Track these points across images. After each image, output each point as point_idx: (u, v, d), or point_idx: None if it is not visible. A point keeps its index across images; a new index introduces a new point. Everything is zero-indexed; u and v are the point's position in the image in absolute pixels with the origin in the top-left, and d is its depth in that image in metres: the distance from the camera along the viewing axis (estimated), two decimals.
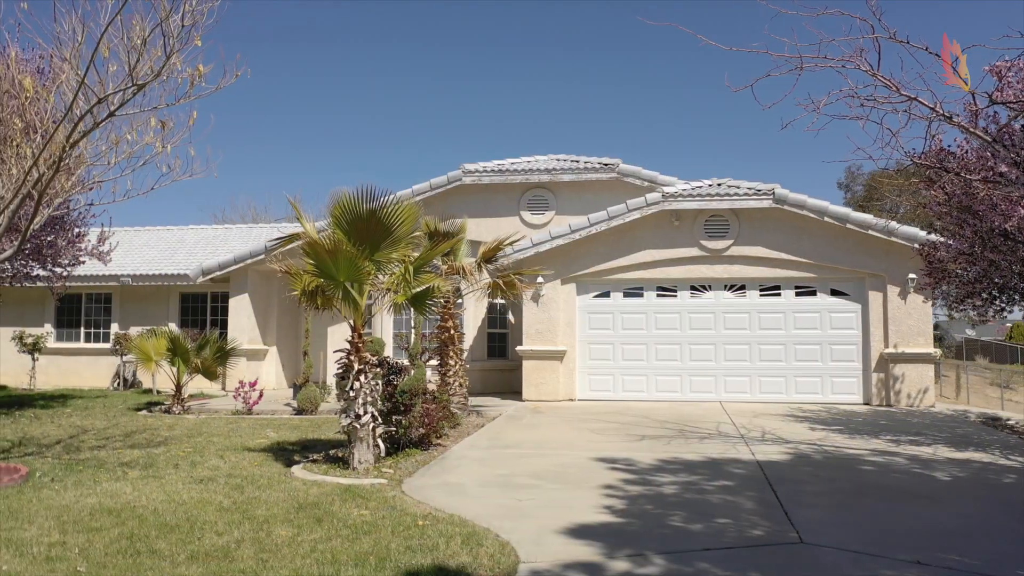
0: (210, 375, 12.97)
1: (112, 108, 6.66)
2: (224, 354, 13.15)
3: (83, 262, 13.38)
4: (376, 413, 7.87)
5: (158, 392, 15.95)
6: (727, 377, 13.85)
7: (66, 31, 6.64)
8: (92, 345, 18.46)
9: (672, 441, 9.63)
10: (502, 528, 5.72)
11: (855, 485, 7.29)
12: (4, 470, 7.49)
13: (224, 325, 17.74)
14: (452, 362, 12.04)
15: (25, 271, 12.54)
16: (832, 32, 8.47)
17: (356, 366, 7.69)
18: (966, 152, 9.44)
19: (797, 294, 13.76)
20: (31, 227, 7.32)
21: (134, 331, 17.80)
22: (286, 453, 8.84)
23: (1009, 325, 52.70)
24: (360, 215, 7.30)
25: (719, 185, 13.83)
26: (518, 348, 14.29)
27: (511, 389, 15.79)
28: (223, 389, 16.49)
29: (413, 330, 12.08)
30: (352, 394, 7.67)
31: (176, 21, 6.11)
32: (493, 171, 15.93)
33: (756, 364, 13.76)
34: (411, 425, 8.83)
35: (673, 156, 66.74)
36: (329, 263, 7.21)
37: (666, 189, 13.73)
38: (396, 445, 8.65)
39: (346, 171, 62.36)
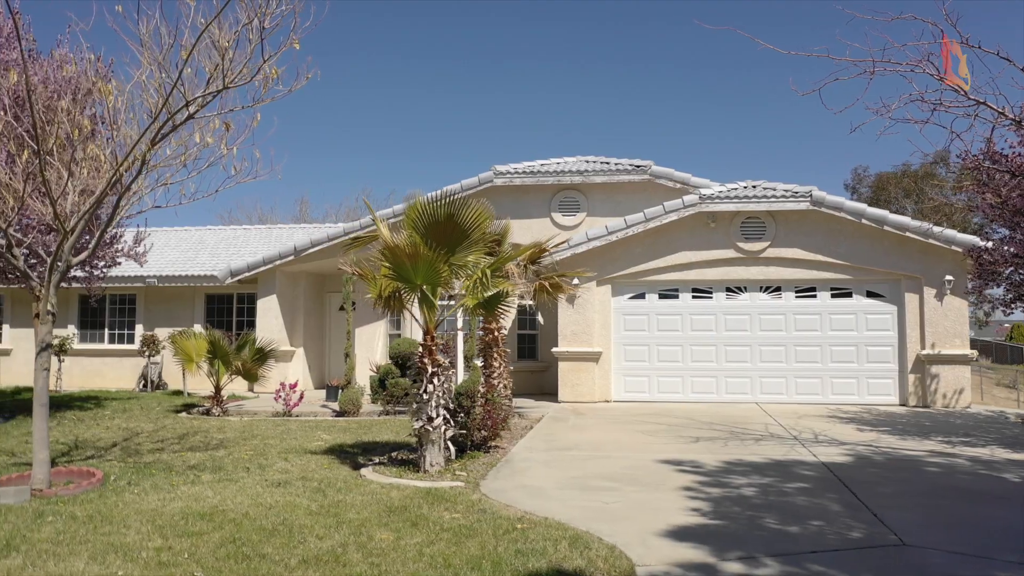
0: (250, 377, 12.93)
1: (191, 110, 6.64)
2: (263, 356, 13.11)
3: (119, 263, 13.32)
4: (448, 416, 7.87)
5: (189, 394, 15.88)
6: (763, 378, 13.91)
7: (145, 33, 6.63)
8: (116, 346, 18.37)
9: (728, 443, 9.66)
10: (601, 531, 5.74)
11: (929, 486, 7.33)
12: (79, 474, 7.45)
13: (250, 326, 17.71)
14: (497, 364, 12.01)
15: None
16: (898, 37, 8.52)
17: (430, 369, 7.69)
18: (1019, 155, 9.54)
19: (833, 296, 13.83)
20: (108, 228, 7.29)
21: (159, 332, 17.77)
22: (347, 455, 8.83)
23: (1008, 326, 53.10)
24: (437, 219, 7.31)
25: (754, 187, 13.89)
26: (554, 349, 14.31)
27: (541, 390, 15.81)
28: (250, 390, 16.45)
29: (459, 332, 12.05)
30: (426, 397, 7.67)
31: (266, 21, 6.09)
32: (524, 172, 15.94)
33: (792, 365, 13.83)
34: (473, 427, 8.84)
35: (677, 157, 66.91)
36: (408, 267, 7.20)
37: (703, 191, 13.77)
38: (460, 448, 8.65)
39: (374, 178, 61.99)
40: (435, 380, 7.71)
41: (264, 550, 5.31)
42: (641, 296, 14.36)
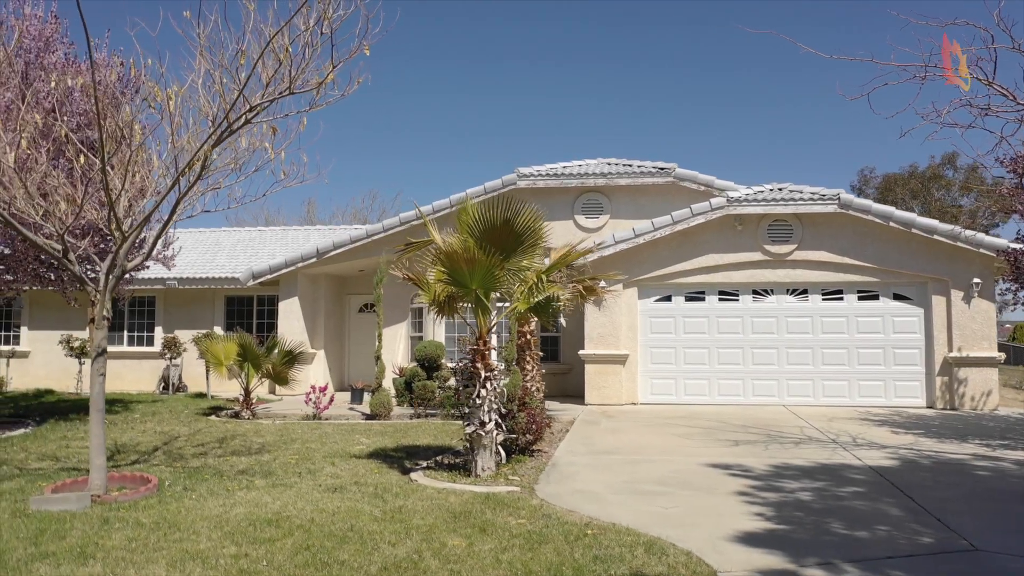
0: (280, 380, 12.91)
1: (248, 116, 6.62)
2: (292, 358, 13.10)
3: (147, 267, 13.26)
4: (500, 420, 7.87)
5: (213, 397, 15.85)
6: (790, 381, 13.93)
7: (201, 36, 6.61)
8: (135, 348, 18.33)
9: (768, 447, 9.68)
10: (671, 536, 5.75)
11: (985, 490, 7.35)
12: (132, 479, 7.43)
13: (270, 328, 17.70)
14: (530, 367, 12.03)
15: (93, 274, 12.41)
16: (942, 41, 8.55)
17: (483, 373, 7.69)
18: None
19: (860, 298, 13.86)
20: (164, 232, 7.27)
21: (178, 334, 17.73)
22: (392, 460, 8.82)
23: (1010, 326, 53.28)
24: (493, 224, 7.31)
25: (780, 189, 13.91)
26: (581, 352, 14.31)
27: (564, 392, 15.81)
28: (272, 392, 16.42)
29: (495, 334, 12.08)
30: (479, 401, 7.67)
31: (336, 25, 6.08)
32: (548, 175, 15.95)
33: (819, 368, 13.85)
34: (519, 431, 8.84)
35: (676, 157, 66.92)
36: (465, 272, 7.20)
37: (730, 194, 13.79)
38: (507, 452, 8.64)
39: (379, 180, 61.82)
40: (488, 385, 7.71)
41: (340, 557, 5.30)
42: (667, 298, 14.38)
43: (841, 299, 13.91)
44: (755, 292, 14.18)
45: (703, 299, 14.30)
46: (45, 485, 7.33)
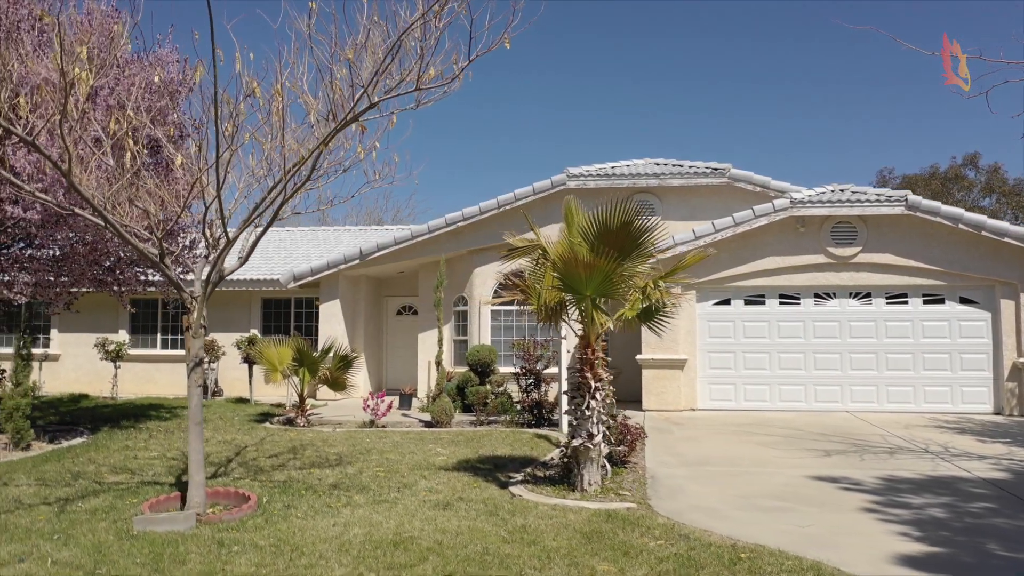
0: (337, 385, 12.53)
1: (357, 112, 6.26)
2: (347, 363, 12.73)
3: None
4: (607, 432, 7.54)
5: (256, 402, 15.46)
6: (853, 386, 13.63)
7: (306, 29, 6.25)
8: (169, 352, 17.92)
9: (863, 457, 9.36)
10: (830, 560, 5.41)
11: None
12: (226, 495, 7.06)
13: (308, 331, 17.32)
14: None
15: (144, 277, 12.02)
16: None
17: (593, 384, 7.35)
18: None
19: (925, 302, 13.56)
20: (263, 235, 6.91)
21: (214, 337, 17.33)
22: (480, 472, 8.46)
23: None
24: (609, 227, 6.98)
25: (842, 191, 13.60)
26: (638, 357, 13.98)
27: (616, 397, 15.42)
28: (313, 397, 16.01)
29: (563, 340, 11.72)
30: (588, 413, 7.33)
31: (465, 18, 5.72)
32: (598, 175, 15.62)
33: (883, 373, 13.55)
34: (613, 442, 8.50)
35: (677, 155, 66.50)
36: (581, 277, 6.86)
37: (794, 195, 13.47)
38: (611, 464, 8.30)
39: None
40: (597, 395, 7.37)
41: None
42: (727, 302, 14.06)
43: (906, 303, 13.61)
44: (817, 295, 13.87)
45: (763, 303, 13.98)
46: (136, 502, 6.97)
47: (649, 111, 64.38)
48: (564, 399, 11.73)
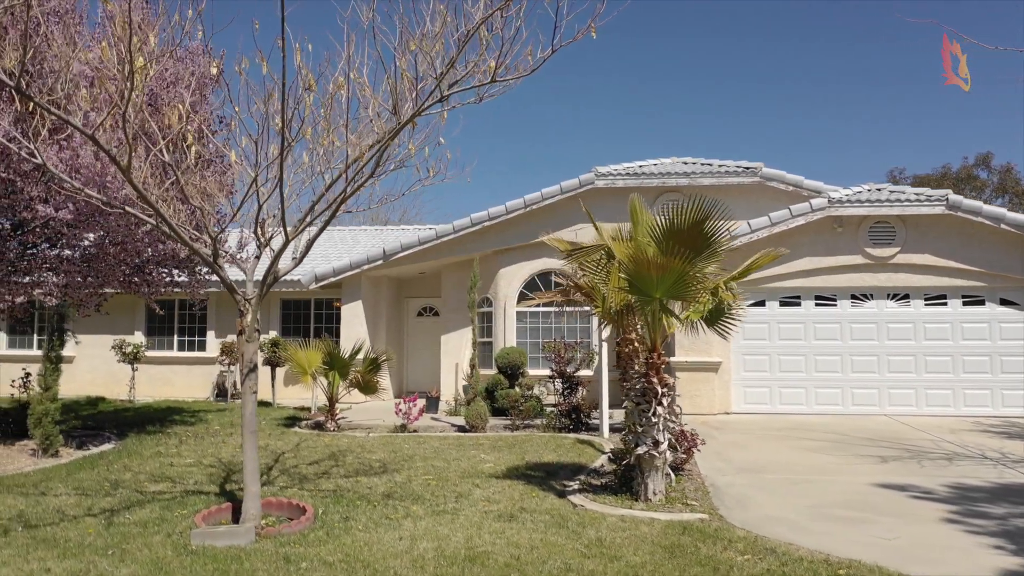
0: (368, 388, 12.23)
1: (427, 104, 5.97)
2: (376, 365, 12.43)
3: (222, 268, 12.54)
4: (672, 440, 7.26)
5: (279, 405, 15.15)
6: (891, 389, 13.36)
7: (365, 19, 5.95)
8: (186, 354, 17.60)
9: (922, 462, 9.10)
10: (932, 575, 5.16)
11: None
12: (278, 506, 6.76)
13: (328, 332, 17.00)
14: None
15: (169, 278, 11.71)
16: None
17: (659, 389, 7.07)
18: None
19: (964, 303, 13.31)
20: (320, 233, 6.62)
21: (231, 339, 17.02)
22: (533, 480, 8.17)
23: None
24: (680, 226, 6.69)
25: (879, 190, 13.35)
26: (671, 359, 13.70)
27: (621, 399, 15.17)
28: (339, 401, 15.70)
29: (603, 343, 11.44)
30: (654, 420, 7.05)
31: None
32: (627, 174, 15.34)
33: (922, 376, 13.29)
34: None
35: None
36: (652, 279, 6.57)
37: (831, 194, 13.21)
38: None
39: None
40: (664, 402, 7.09)
41: None
42: (761, 303, 13.79)
43: (945, 304, 13.35)
44: (854, 297, 13.61)
45: (799, 304, 13.72)
46: (185, 513, 6.68)
47: (655, 111, 64.19)
48: (605, 403, 11.49)
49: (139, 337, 17.48)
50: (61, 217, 8.86)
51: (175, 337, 17.71)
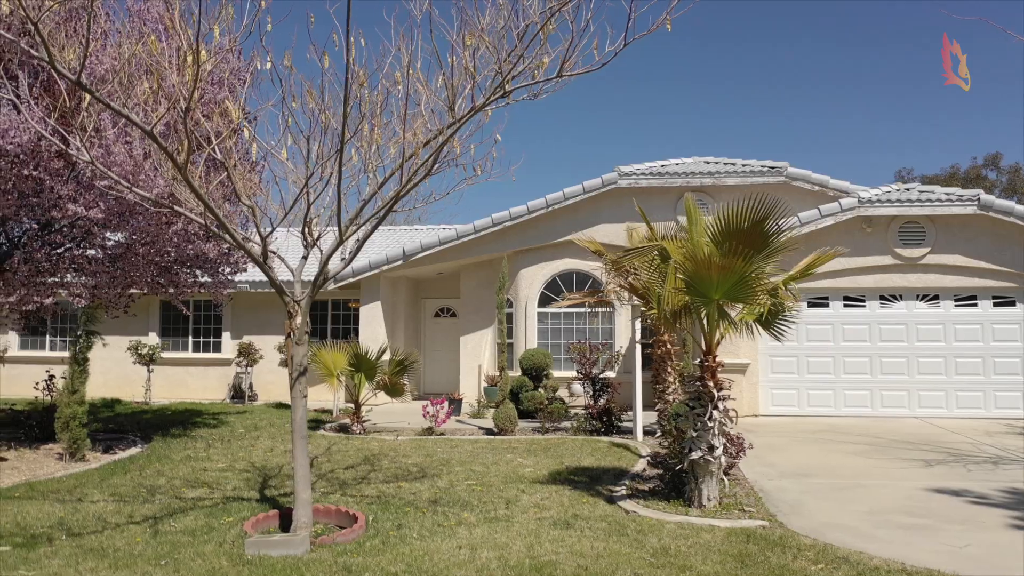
0: (394, 391, 12.05)
1: (485, 100, 5.79)
2: (403, 368, 12.25)
3: (245, 269, 12.38)
4: (727, 444, 7.10)
5: None
6: (921, 392, 13.23)
7: (417, 12, 5.77)
8: (201, 355, 17.39)
9: (967, 466, 8.95)
10: None
11: None
12: (328, 513, 6.58)
13: (345, 334, 16.85)
14: (671, 379, 11.30)
15: (193, 279, 11.51)
16: None
17: (716, 393, 6.91)
18: None
19: (995, 304, 13.18)
20: (372, 232, 6.45)
21: (247, 340, 16.84)
22: (577, 485, 7.99)
23: None
24: (739, 226, 6.52)
25: (908, 190, 13.22)
26: (697, 361, 13.52)
27: (652, 401, 15.01)
28: (348, 401, 15.54)
29: (637, 344, 11.27)
30: (709, 424, 6.88)
31: None
32: (650, 173, 15.18)
33: (952, 378, 13.16)
34: None
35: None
36: (712, 279, 6.41)
37: (861, 194, 13.08)
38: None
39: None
40: (720, 405, 6.93)
41: None
42: None
43: (975, 306, 13.22)
44: (882, 298, 13.47)
45: (827, 305, 13.57)
46: (231, 520, 6.49)
47: (657, 110, 64.07)
48: (638, 405, 11.32)
49: (153, 338, 17.27)
50: (92, 216, 8.67)
51: (189, 338, 17.51)
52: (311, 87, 6.02)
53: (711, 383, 6.98)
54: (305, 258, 6.82)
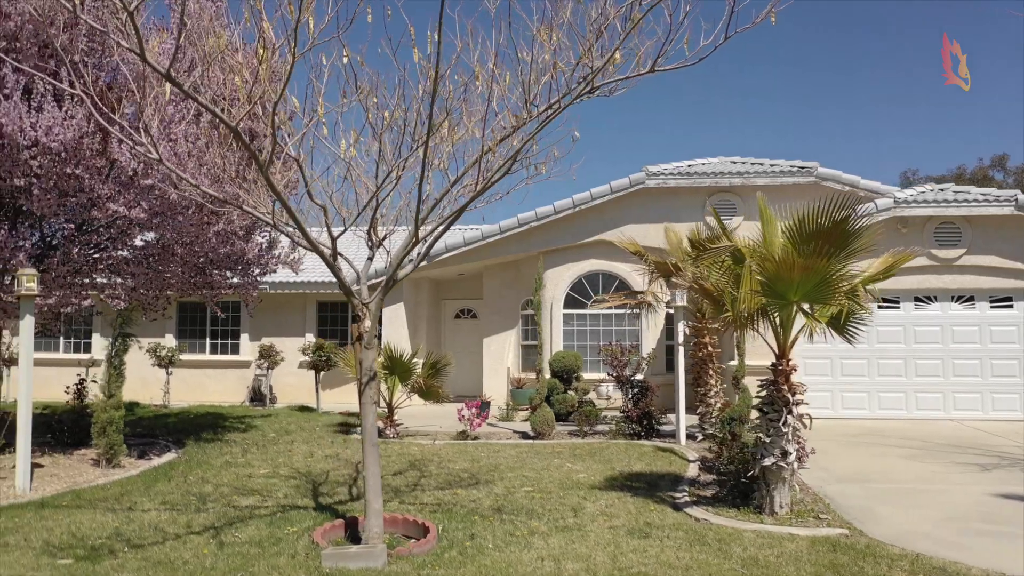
0: (430, 394, 11.82)
1: (575, 96, 5.59)
2: (437, 370, 12.04)
3: (275, 271, 12.14)
4: (800, 450, 6.93)
5: (323, 411, 14.72)
6: (956, 394, 13.11)
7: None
8: (219, 357, 17.13)
9: None
10: None
11: None
12: (394, 522, 6.37)
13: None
14: (713, 382, 11.13)
15: (225, 280, 11.27)
16: None
17: (790, 397, 6.75)
18: None
19: None
20: (444, 232, 6.26)
21: (267, 341, 16.60)
22: (639, 492, 7.79)
23: None
24: (820, 226, 6.36)
25: (942, 191, 13.11)
26: (731, 363, 13.39)
27: (691, 404, 14.86)
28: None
29: (679, 347, 11.09)
30: (784, 429, 6.73)
31: None
32: (678, 174, 15.02)
33: (988, 380, 13.04)
34: None
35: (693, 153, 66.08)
36: (793, 281, 6.25)
37: (897, 195, 12.96)
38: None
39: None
40: (794, 410, 6.77)
41: None
42: None
43: (1011, 307, 13.11)
44: (917, 299, 13.35)
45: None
46: (295, 531, 6.28)
47: (658, 111, 64.01)
48: (682, 409, 11.14)
49: (170, 340, 16.98)
50: (134, 216, 8.44)
51: (207, 340, 17.24)
52: (383, 83, 5.83)
53: (786, 388, 6.82)
54: (371, 259, 6.63)
